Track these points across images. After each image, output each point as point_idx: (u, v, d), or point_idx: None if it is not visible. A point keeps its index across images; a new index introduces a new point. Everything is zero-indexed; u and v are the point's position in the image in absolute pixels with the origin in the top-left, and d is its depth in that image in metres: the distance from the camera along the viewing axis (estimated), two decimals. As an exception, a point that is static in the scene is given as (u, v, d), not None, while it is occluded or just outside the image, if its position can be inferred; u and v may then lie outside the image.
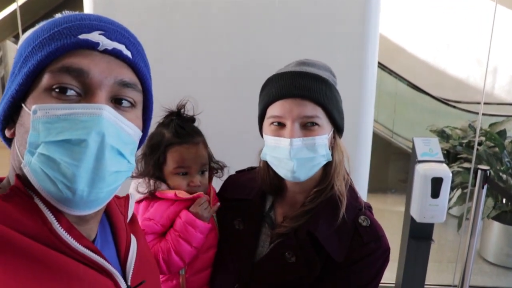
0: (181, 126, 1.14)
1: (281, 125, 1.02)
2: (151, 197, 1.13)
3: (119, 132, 0.61)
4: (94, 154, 0.58)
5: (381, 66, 6.21)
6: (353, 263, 1.01)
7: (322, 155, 1.02)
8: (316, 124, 1.01)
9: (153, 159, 1.13)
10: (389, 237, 1.08)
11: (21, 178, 0.60)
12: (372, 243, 1.03)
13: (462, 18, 6.68)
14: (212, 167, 1.23)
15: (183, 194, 1.12)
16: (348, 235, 1.03)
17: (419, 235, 2.37)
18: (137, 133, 0.66)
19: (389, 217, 4.98)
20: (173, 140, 1.12)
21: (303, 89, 0.99)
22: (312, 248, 1.02)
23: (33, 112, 0.57)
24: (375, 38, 1.81)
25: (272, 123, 1.03)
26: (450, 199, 4.23)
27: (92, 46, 0.60)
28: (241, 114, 1.68)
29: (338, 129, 1.09)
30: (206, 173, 1.19)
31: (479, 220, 2.47)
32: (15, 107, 0.61)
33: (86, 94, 0.60)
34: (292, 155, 0.99)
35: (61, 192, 0.57)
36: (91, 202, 0.61)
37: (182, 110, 1.18)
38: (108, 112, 0.59)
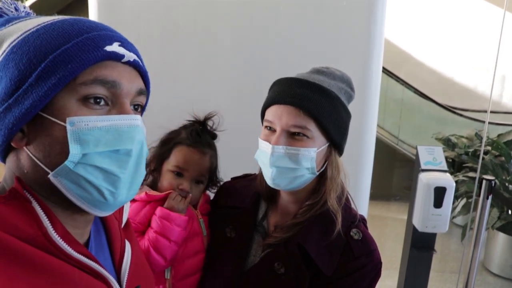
0: (198, 133, 1.16)
1: (273, 130, 1.00)
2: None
3: (145, 138, 0.67)
4: (135, 161, 0.64)
5: (388, 73, 6.20)
6: (343, 276, 0.99)
7: (306, 168, 0.99)
8: (305, 135, 0.97)
9: (160, 151, 1.16)
10: (391, 245, 1.07)
11: (22, 182, 0.60)
12: (363, 257, 1.00)
13: (471, 26, 6.65)
14: (210, 184, 1.23)
15: (153, 193, 1.12)
16: (339, 248, 1.01)
17: (421, 245, 2.35)
18: (145, 133, 0.70)
19: (393, 225, 4.95)
20: (184, 140, 1.15)
21: (297, 98, 0.96)
22: (302, 260, 1.00)
23: (70, 123, 0.58)
24: (380, 43, 1.79)
25: (266, 126, 1.02)
26: (454, 208, 4.19)
27: (118, 58, 0.63)
28: (243, 118, 1.66)
29: (335, 145, 1.04)
30: (201, 186, 1.18)
31: (483, 231, 2.43)
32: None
33: (114, 103, 0.63)
34: (271, 162, 0.98)
35: (104, 198, 0.61)
36: (123, 204, 0.66)
37: (208, 122, 1.21)
38: (140, 121, 0.65)
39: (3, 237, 0.53)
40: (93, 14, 1.73)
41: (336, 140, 1.02)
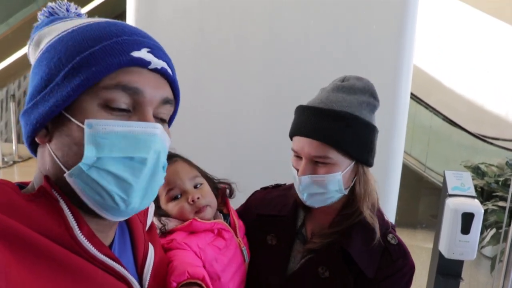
0: None
1: (300, 157, 1.07)
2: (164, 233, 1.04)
3: (165, 148, 0.66)
4: (150, 170, 0.62)
5: (417, 99, 6.15)
6: (384, 279, 1.06)
7: (335, 191, 1.06)
8: (328, 162, 1.03)
9: None
10: (417, 274, 1.14)
11: (50, 180, 0.61)
12: (400, 260, 1.08)
13: (502, 53, 6.56)
14: (217, 187, 1.19)
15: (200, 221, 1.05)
16: (378, 253, 1.08)
17: (448, 272, 2.29)
18: (169, 145, 0.70)
19: (419, 253, 4.81)
20: None
21: (314, 130, 1.03)
22: (345, 263, 1.06)
23: (88, 126, 0.58)
24: (409, 68, 1.81)
25: (294, 153, 1.10)
26: (483, 239, 4.06)
27: (144, 65, 0.62)
28: (275, 130, 1.68)
29: (362, 162, 1.08)
30: (204, 186, 1.13)
31: (514, 262, 2.37)
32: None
33: (136, 110, 0.62)
34: (301, 189, 1.07)
35: (116, 203, 0.60)
36: (136, 211, 0.65)
37: None
38: (160, 130, 0.63)
39: (32, 235, 0.55)
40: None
41: (360, 159, 1.07)
